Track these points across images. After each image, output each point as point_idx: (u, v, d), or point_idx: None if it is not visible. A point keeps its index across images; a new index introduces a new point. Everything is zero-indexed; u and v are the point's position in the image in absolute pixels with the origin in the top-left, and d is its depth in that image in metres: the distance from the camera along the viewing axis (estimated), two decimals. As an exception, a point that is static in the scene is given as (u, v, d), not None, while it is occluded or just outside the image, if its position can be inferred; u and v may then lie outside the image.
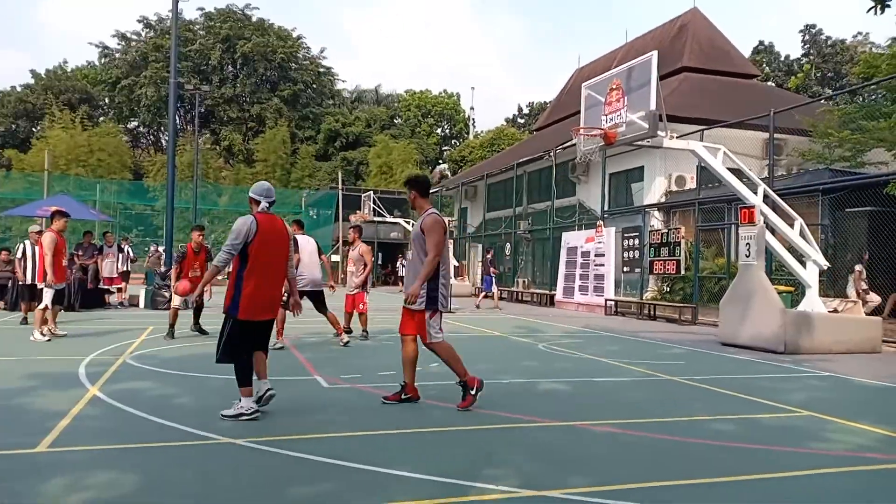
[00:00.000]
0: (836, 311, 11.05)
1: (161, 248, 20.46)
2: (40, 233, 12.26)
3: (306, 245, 9.39)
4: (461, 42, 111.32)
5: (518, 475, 3.82)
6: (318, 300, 9.55)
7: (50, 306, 9.69)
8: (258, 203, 5.30)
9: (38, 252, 9.97)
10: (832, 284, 13.90)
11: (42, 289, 9.69)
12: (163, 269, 16.80)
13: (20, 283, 11.91)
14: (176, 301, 9.96)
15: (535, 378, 7.21)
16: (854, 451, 4.53)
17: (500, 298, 20.73)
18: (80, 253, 15.66)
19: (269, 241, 5.13)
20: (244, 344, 5.06)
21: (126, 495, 3.38)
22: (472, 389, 5.54)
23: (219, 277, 6.00)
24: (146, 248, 31.04)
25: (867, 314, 11.46)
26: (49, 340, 9.40)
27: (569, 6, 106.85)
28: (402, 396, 5.71)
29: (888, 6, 7.94)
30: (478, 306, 19.15)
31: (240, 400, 4.97)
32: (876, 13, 8.29)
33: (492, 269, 19.58)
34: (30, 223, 33.20)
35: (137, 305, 16.13)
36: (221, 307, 5.19)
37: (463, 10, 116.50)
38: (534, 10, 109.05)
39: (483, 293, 19.89)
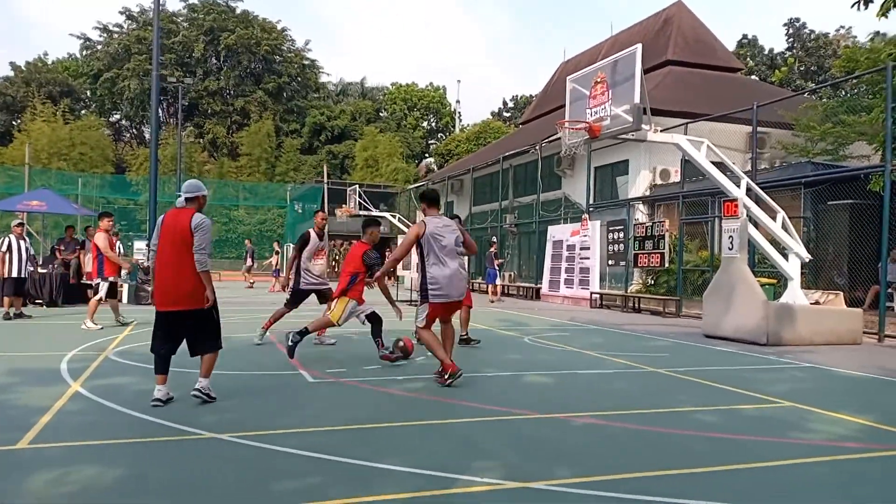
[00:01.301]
0: (817, 302, 11.18)
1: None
2: (21, 225, 12.16)
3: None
4: (447, 36, 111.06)
5: (503, 467, 3.83)
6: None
7: (104, 298, 10.64)
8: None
9: (92, 249, 10.84)
10: (814, 277, 14.05)
11: (98, 283, 10.69)
12: (146, 263, 16.64)
13: (3, 277, 11.69)
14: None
15: (520, 371, 7.24)
16: (834, 441, 4.59)
17: (485, 292, 20.84)
18: (62, 248, 15.49)
19: (166, 235, 5.31)
20: (157, 332, 5.38)
21: (109, 490, 3.36)
22: (446, 373, 6.20)
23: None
24: (129, 243, 30.80)
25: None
26: (101, 329, 10.10)
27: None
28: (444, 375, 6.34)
29: (871, 1, 8.04)
30: (492, 301, 19.20)
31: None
32: (859, 8, 8.39)
33: (496, 262, 19.69)
34: (10, 217, 32.76)
35: (120, 300, 15.97)
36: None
37: (449, 3, 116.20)
38: (519, 3, 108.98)
39: (492, 287, 19.96)
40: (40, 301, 14.12)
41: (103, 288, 10.61)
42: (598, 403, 5.73)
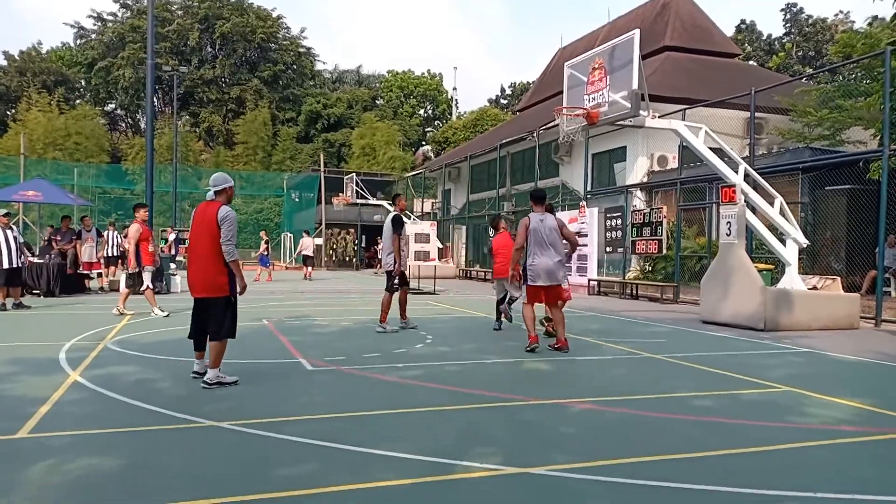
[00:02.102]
0: (815, 288, 11.20)
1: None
2: (7, 215, 12.03)
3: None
4: (444, 23, 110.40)
5: (502, 453, 3.85)
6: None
7: (151, 286, 10.91)
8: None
9: (130, 240, 10.95)
10: (812, 262, 14.07)
11: (139, 273, 10.82)
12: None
13: None
14: None
15: (518, 358, 7.25)
16: (831, 425, 4.61)
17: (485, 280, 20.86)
18: (59, 238, 15.44)
19: (194, 227, 5.66)
20: (193, 316, 5.83)
21: (109, 478, 3.36)
22: (529, 345, 7.54)
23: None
24: (125, 234, 30.69)
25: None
26: (167, 316, 10.41)
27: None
28: (555, 346, 7.75)
29: None
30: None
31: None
32: None
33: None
34: (5, 208, 32.57)
35: (118, 290, 15.91)
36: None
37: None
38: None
39: None
40: (37, 291, 14.09)
41: (147, 276, 10.78)
42: (596, 389, 5.75)
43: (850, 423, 4.66)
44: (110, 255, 16.52)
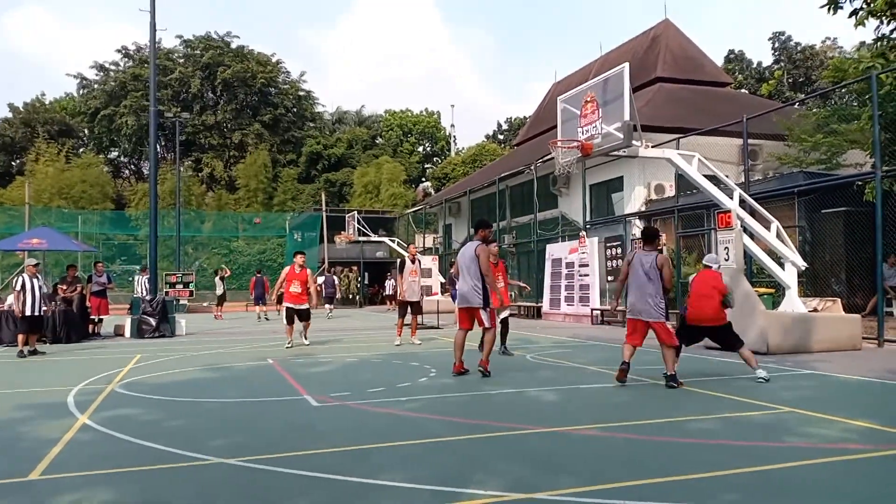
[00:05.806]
0: (816, 310, 11.24)
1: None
2: (36, 265, 12.38)
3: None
4: (439, 60, 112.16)
5: (507, 479, 3.89)
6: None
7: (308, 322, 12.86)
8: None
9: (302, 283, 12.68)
10: (812, 284, 14.12)
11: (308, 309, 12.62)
12: (147, 296, 16.72)
13: (17, 315, 11.76)
14: None
15: (522, 388, 7.29)
16: (833, 444, 4.65)
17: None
18: (64, 287, 15.57)
19: (697, 287, 8.01)
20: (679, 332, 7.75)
21: (120, 517, 3.42)
22: (483, 371, 8.08)
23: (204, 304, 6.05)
24: (130, 278, 30.87)
25: None
26: (309, 344, 12.43)
27: (543, 20, 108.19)
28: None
29: (840, 7, 8.34)
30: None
31: None
32: (829, 11, 8.69)
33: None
34: (11, 258, 32.87)
35: (123, 335, 16.02)
36: None
37: (438, 28, 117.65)
38: (509, 27, 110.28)
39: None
40: (45, 338, 14.15)
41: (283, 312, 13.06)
42: (601, 416, 5.78)
43: (852, 441, 4.69)
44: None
